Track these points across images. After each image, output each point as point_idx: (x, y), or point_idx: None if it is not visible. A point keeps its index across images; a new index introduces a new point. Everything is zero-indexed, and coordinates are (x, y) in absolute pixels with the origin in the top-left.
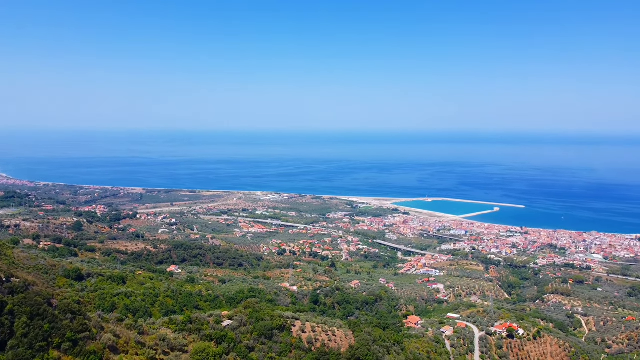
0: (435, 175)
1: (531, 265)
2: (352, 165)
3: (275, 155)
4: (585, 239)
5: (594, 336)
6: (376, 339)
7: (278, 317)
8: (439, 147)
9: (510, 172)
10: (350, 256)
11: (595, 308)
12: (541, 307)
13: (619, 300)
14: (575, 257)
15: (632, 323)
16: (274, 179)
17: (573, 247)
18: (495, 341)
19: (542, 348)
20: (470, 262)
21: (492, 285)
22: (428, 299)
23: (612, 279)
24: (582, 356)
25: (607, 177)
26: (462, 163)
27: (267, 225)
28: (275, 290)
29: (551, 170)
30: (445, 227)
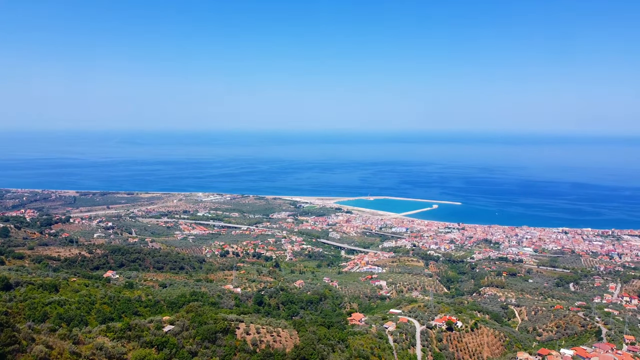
0: (377, 174)
1: (468, 260)
2: (294, 165)
3: (219, 156)
4: (517, 233)
5: (526, 325)
6: (321, 337)
7: (221, 320)
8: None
9: (448, 171)
10: (295, 256)
11: (527, 298)
12: (478, 299)
13: (548, 290)
14: (508, 251)
15: (560, 311)
16: (216, 179)
17: (506, 242)
18: (436, 334)
19: (480, 339)
20: (411, 259)
21: (432, 280)
22: (371, 296)
23: (541, 271)
24: (516, 345)
25: (537, 174)
26: (403, 162)
27: (209, 226)
28: (219, 292)
29: (487, 169)
30: (387, 225)
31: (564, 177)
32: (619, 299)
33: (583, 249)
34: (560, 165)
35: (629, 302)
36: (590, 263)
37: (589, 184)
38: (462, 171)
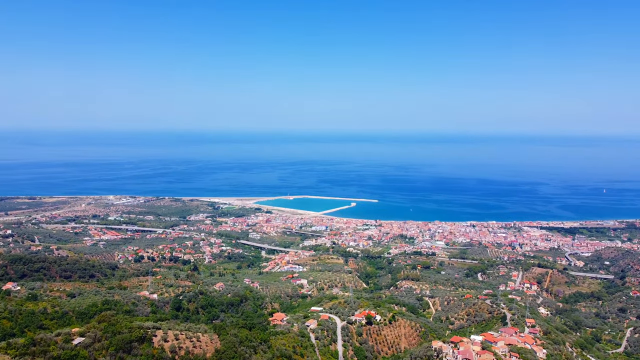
0: (295, 173)
1: (385, 255)
2: (212, 166)
3: (131, 157)
4: (430, 228)
5: (440, 315)
6: (242, 339)
7: (137, 328)
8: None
9: (365, 169)
10: (214, 258)
11: (440, 290)
12: (395, 293)
13: (459, 281)
14: (422, 245)
15: (470, 300)
16: (128, 181)
17: (420, 236)
18: (356, 329)
19: (397, 331)
20: (331, 256)
21: (351, 277)
22: (293, 295)
23: (453, 263)
24: (431, 334)
25: (447, 171)
26: (322, 161)
27: (121, 231)
28: (133, 300)
29: (402, 167)
30: (307, 224)
31: (472, 174)
32: (520, 285)
33: (489, 241)
34: (468, 163)
35: (529, 288)
36: (496, 253)
37: (493, 180)
38: (379, 170)
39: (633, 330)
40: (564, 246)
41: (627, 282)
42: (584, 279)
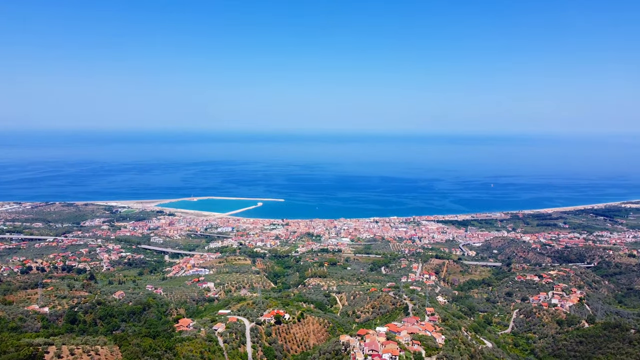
0: (199, 174)
1: (293, 254)
2: (108, 167)
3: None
4: (336, 225)
5: (347, 310)
6: (146, 349)
7: (25, 346)
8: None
9: (271, 169)
10: (112, 265)
11: (346, 285)
12: (303, 291)
13: (364, 275)
14: (329, 242)
15: (375, 293)
16: (12, 185)
17: (326, 234)
18: (265, 329)
19: (306, 328)
20: (238, 257)
21: (259, 277)
22: (199, 299)
23: (358, 258)
24: (338, 329)
25: (351, 170)
26: (227, 161)
27: (5, 241)
28: (21, 315)
29: (307, 166)
30: (213, 226)
31: (374, 172)
32: (421, 276)
33: (391, 236)
34: (370, 161)
35: (428, 278)
36: (398, 247)
37: (394, 177)
38: (285, 169)
39: (518, 312)
40: (458, 238)
41: (512, 268)
42: (476, 267)
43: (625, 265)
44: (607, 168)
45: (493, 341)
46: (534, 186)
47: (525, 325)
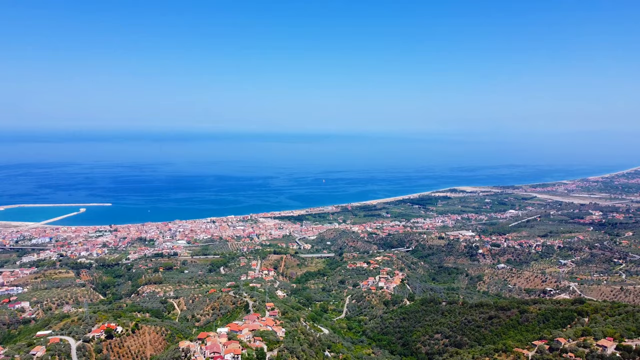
0: (6, 179)
1: (124, 262)
2: None
3: None
4: (170, 228)
5: (186, 314)
6: None
7: None
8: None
9: (95, 171)
10: None
11: (184, 289)
12: (137, 300)
13: (203, 277)
14: (163, 246)
15: (214, 294)
16: None
17: (161, 237)
18: (94, 346)
19: (142, 339)
20: (59, 271)
21: (85, 290)
22: (11, 322)
23: (195, 260)
24: (177, 335)
25: (185, 169)
26: (40, 164)
27: None
28: None
29: (136, 167)
30: (26, 237)
31: (209, 171)
32: (260, 273)
33: (229, 235)
34: (205, 160)
35: (267, 274)
36: (236, 246)
37: (230, 176)
38: (110, 170)
39: (350, 298)
40: (295, 232)
41: (344, 258)
42: (311, 259)
43: (436, 246)
44: (418, 162)
45: (329, 327)
46: (360, 180)
47: (357, 309)
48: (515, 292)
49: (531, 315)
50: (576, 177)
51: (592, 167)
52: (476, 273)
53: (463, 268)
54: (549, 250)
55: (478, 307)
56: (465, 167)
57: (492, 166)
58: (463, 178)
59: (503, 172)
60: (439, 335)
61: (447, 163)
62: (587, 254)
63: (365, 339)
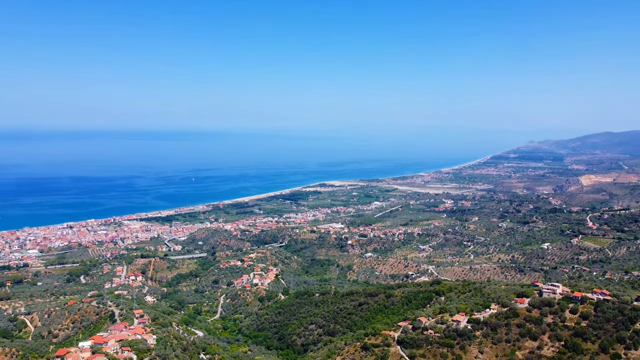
0: None
1: None
2: None
3: None
4: (19, 236)
5: (41, 331)
6: None
7: None
8: None
9: None
10: None
11: (38, 303)
12: None
13: (60, 289)
14: (10, 257)
15: (74, 306)
16: None
17: (7, 248)
18: None
19: None
20: None
21: None
22: None
23: (50, 271)
24: (31, 355)
25: (38, 171)
26: None
27: None
28: None
29: None
30: None
31: (64, 172)
32: (126, 279)
33: (90, 240)
34: (59, 161)
35: (135, 280)
36: (98, 252)
37: (88, 177)
38: None
39: (225, 297)
40: (163, 234)
41: (217, 257)
42: (183, 261)
43: (308, 240)
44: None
45: (204, 329)
46: (231, 177)
47: (232, 308)
48: (381, 278)
49: (396, 299)
50: (431, 170)
51: (445, 160)
52: (346, 263)
53: (334, 259)
54: (410, 238)
55: (349, 295)
56: (333, 162)
57: (358, 160)
58: (332, 173)
59: (368, 166)
60: (313, 326)
61: (316, 158)
62: (442, 239)
63: (241, 338)
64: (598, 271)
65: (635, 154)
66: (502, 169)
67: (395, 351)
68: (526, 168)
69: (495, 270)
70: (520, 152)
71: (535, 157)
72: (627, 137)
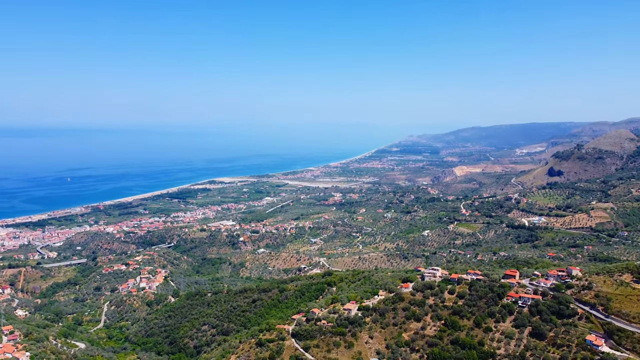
0: None
1: None
2: None
3: None
4: None
5: None
6: None
7: None
8: None
9: None
10: None
11: None
12: None
13: None
14: None
15: None
16: None
17: None
18: None
19: None
20: None
21: None
22: None
23: None
24: None
25: None
26: None
27: None
28: None
29: None
30: None
31: None
32: None
33: None
34: None
35: (2, 293)
36: None
37: None
38: None
39: (109, 304)
40: (35, 240)
41: (99, 262)
42: (59, 269)
43: (199, 239)
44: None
45: (86, 341)
46: (113, 176)
47: (118, 315)
48: (275, 273)
49: (290, 292)
50: (320, 164)
51: (334, 155)
52: (239, 260)
53: (226, 257)
54: (302, 232)
55: (242, 292)
56: (223, 158)
57: (248, 156)
58: (221, 169)
59: (259, 161)
60: (206, 327)
61: (205, 155)
62: (332, 231)
63: (129, 346)
64: (471, 254)
65: (500, 146)
66: (386, 162)
67: (290, 344)
68: (407, 161)
69: (382, 259)
70: (401, 145)
71: (415, 151)
72: (493, 131)
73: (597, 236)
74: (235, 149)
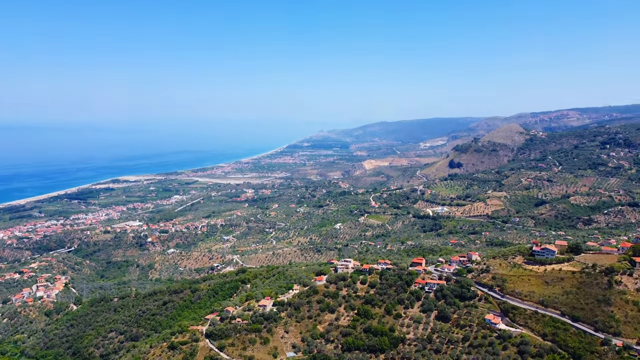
0: None
1: None
2: None
3: None
4: None
5: None
6: None
7: None
8: None
9: None
10: None
11: None
12: None
13: None
14: None
15: None
16: None
17: None
18: None
19: None
20: None
21: None
22: None
23: None
24: None
25: None
26: None
27: None
28: None
29: None
30: None
31: None
32: None
33: None
34: None
35: None
36: None
37: None
38: None
39: (1, 316)
40: None
41: None
42: None
43: (102, 242)
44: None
45: None
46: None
47: (12, 328)
48: (186, 273)
49: (202, 292)
50: (231, 160)
51: (244, 150)
52: (147, 262)
53: (133, 259)
54: (213, 229)
55: (152, 295)
56: (129, 156)
57: (157, 154)
58: (125, 167)
59: (167, 159)
60: (113, 334)
61: (108, 153)
62: (245, 227)
63: None
64: (381, 244)
65: (405, 141)
66: (298, 157)
67: (204, 345)
68: (318, 156)
69: (296, 253)
70: (312, 141)
71: (325, 146)
72: (398, 126)
73: (493, 223)
74: (141, 146)
